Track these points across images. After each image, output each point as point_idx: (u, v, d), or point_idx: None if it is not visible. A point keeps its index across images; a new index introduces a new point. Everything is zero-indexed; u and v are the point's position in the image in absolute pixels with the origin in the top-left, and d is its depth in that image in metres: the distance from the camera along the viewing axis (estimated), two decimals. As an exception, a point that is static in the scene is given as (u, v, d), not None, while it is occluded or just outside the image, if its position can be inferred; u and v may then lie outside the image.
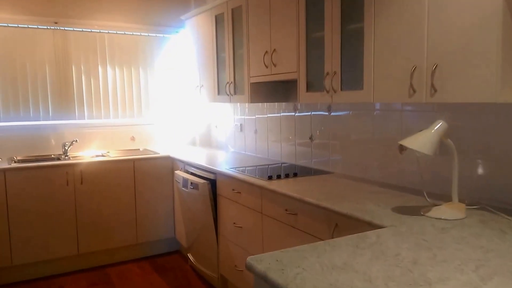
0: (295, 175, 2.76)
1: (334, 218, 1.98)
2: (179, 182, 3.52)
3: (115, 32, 4.24)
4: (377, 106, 2.52)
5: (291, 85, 3.24)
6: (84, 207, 3.63)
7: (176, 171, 3.66)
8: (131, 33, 4.33)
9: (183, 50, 4.46)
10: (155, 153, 4.05)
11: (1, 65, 3.80)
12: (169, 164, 3.95)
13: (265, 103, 3.60)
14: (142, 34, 4.38)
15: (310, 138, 3.10)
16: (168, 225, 4.00)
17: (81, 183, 3.61)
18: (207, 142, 4.63)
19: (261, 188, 2.58)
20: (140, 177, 3.84)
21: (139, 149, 4.35)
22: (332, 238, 1.97)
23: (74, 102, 4.13)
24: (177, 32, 4.51)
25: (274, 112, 3.52)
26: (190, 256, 3.67)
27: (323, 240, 2.04)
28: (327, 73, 2.37)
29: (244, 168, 3.09)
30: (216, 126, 4.49)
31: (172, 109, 4.59)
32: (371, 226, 1.72)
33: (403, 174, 2.36)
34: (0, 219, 3.33)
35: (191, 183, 3.26)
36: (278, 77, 2.84)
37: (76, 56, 4.10)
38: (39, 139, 3.99)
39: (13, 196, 3.36)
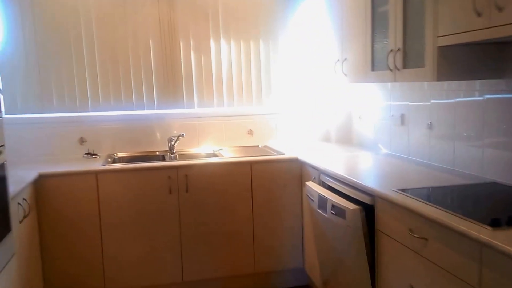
0: (541, 216, 1.44)
1: None
2: (312, 200, 2.44)
3: (231, -7, 3.32)
4: None
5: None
6: (190, 222, 2.80)
7: (307, 183, 2.58)
8: (251, -7, 3.35)
9: (318, 14, 3.31)
10: (279, 152, 3.04)
11: (100, 44, 3.15)
12: (296, 170, 2.90)
13: (447, 81, 2.27)
14: (264, -5, 3.37)
15: (553, 142, 1.72)
16: (295, 252, 2.97)
17: (187, 191, 2.79)
18: (346, 138, 3.45)
19: (480, 244, 1.34)
20: (259, 185, 2.87)
21: (258, 146, 3.40)
22: None
23: (182, 87, 3.33)
24: (309, -10, 3.39)
25: (466, 95, 2.18)
26: (326, 302, 2.59)
27: None
28: None
29: (425, 189, 1.85)
30: (359, 117, 3.29)
31: (300, 95, 3.51)
32: None
33: None
34: (93, 234, 2.68)
35: (333, 206, 2.15)
36: (505, 32, 1.53)
37: (184, 28, 3.28)
38: (142, 132, 3.30)
39: (106, 206, 2.68)
